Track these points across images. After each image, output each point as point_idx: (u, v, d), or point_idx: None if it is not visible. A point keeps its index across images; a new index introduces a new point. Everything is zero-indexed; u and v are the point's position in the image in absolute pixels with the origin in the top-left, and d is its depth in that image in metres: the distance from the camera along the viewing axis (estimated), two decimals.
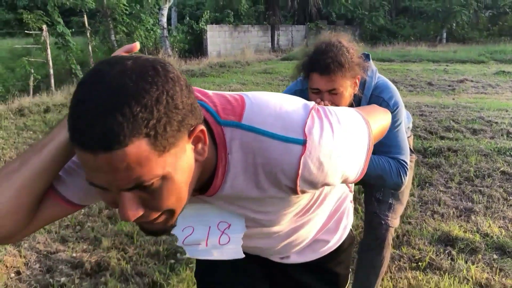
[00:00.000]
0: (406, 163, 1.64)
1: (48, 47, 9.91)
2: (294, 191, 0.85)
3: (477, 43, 22.24)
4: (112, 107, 0.61)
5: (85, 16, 11.23)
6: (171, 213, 0.76)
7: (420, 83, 9.82)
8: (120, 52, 0.90)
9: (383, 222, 1.89)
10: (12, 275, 2.49)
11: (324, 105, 1.35)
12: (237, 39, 18.38)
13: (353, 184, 1.33)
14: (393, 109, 1.64)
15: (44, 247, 2.79)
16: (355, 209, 3.11)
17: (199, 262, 1.24)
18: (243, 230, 0.99)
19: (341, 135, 0.84)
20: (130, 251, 2.75)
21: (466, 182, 3.90)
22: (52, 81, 9.95)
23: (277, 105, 0.83)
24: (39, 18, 10.59)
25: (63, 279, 2.44)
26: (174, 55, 14.26)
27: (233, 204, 0.93)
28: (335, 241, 1.24)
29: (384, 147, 1.62)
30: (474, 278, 2.43)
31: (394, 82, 8.89)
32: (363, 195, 2.35)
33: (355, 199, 2.58)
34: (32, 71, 9.98)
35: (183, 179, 0.73)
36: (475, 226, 3.07)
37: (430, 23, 24.86)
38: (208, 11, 17.47)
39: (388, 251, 1.97)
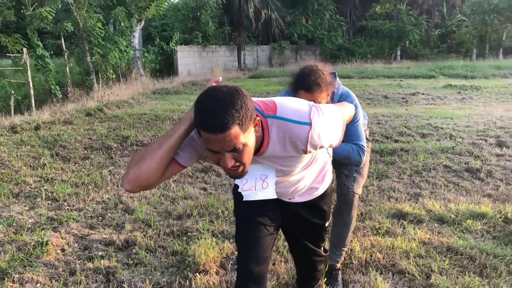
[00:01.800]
0: (364, 146, 2.43)
1: (29, 68, 10.33)
2: (305, 152, 1.60)
3: (428, 60, 23.82)
4: (223, 111, 1.32)
5: (62, 39, 11.71)
6: (244, 165, 1.48)
7: (377, 97, 10.84)
8: (211, 82, 1.63)
9: (350, 190, 2.63)
10: (59, 251, 3.09)
11: None
12: (205, 59, 19.18)
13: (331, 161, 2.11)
14: (354, 110, 2.42)
15: (78, 231, 3.39)
16: None
17: (239, 202, 1.94)
18: (274, 178, 1.75)
19: (329, 120, 1.61)
20: (149, 232, 3.40)
21: (415, 174, 4.75)
22: (33, 101, 10.36)
23: (293, 104, 1.60)
24: (16, 41, 11.02)
25: (101, 253, 3.05)
26: (146, 75, 14.85)
27: (270, 161, 1.68)
28: (322, 188, 1.99)
29: (349, 137, 2.41)
30: (419, 238, 3.22)
31: None
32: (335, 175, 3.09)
33: None
34: (13, 91, 10.35)
35: (252, 145, 1.46)
36: (421, 205, 3.88)
37: (385, 41, 26.38)
38: (178, 32, 18.18)
39: (355, 212, 2.72)
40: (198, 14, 18.54)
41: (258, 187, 1.75)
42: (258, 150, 1.58)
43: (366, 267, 2.84)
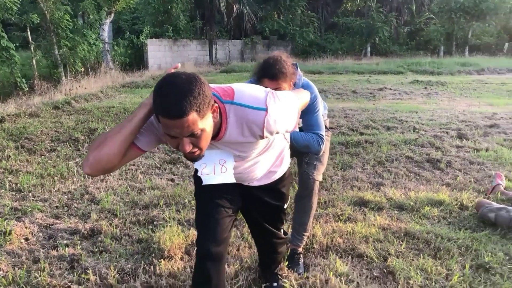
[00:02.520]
0: (323, 136, 2.51)
1: None
2: (261, 137, 1.66)
3: (397, 56, 24.32)
4: (181, 98, 1.35)
5: (28, 31, 11.45)
6: (201, 149, 1.52)
7: (346, 92, 11.04)
8: (171, 69, 1.67)
9: (310, 177, 2.72)
10: (22, 240, 3.07)
11: None
12: (176, 53, 19.05)
13: (289, 151, 2.19)
14: (313, 101, 2.51)
15: (42, 221, 3.38)
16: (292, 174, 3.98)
17: (199, 187, 1.99)
18: (233, 163, 1.81)
19: (284, 106, 1.67)
20: (115, 221, 3.41)
21: (378, 165, 4.90)
22: None
23: (250, 90, 1.65)
24: None
25: (65, 241, 3.05)
26: (116, 68, 14.66)
27: (228, 146, 1.74)
28: (280, 172, 2.07)
29: (309, 127, 2.51)
30: (379, 224, 3.34)
31: (323, 91, 10.10)
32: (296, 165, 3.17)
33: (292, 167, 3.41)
34: None
35: (209, 130, 1.50)
36: (383, 193, 4.01)
37: (356, 38, 26.78)
38: (148, 26, 18.00)
39: (316, 198, 2.81)
40: (169, 7, 18.39)
41: (217, 171, 1.81)
42: (216, 135, 1.63)
43: (327, 251, 2.94)
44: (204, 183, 1.84)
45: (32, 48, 11.76)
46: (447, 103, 9.52)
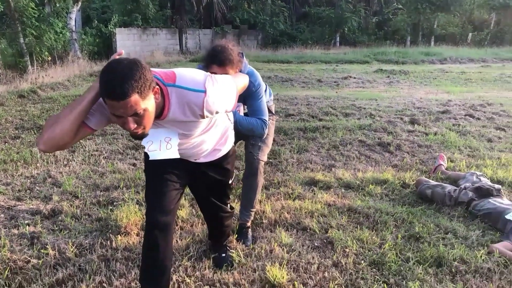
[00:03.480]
0: (266, 121, 2.74)
1: None
2: (202, 116, 1.86)
3: (366, 46, 24.75)
4: (123, 81, 1.50)
5: None
6: (145, 127, 1.69)
7: (311, 80, 11.32)
8: (115, 56, 1.77)
9: (255, 158, 2.93)
10: None
11: None
12: (146, 42, 18.97)
13: (234, 132, 2.40)
14: (257, 88, 2.73)
15: (4, 203, 3.50)
16: (239, 155, 4.21)
17: (148, 162, 2.17)
18: (177, 140, 2.00)
19: (222, 88, 1.88)
20: (76, 202, 3.57)
21: (333, 148, 5.17)
22: None
23: (191, 74, 1.84)
24: None
25: (27, 221, 3.20)
26: (84, 57, 14.55)
27: (172, 125, 1.93)
28: (225, 150, 2.29)
29: (253, 112, 2.74)
30: (325, 201, 3.60)
31: (290, 80, 10.38)
32: (243, 146, 3.39)
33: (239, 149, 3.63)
34: None
35: (152, 110, 1.67)
36: (333, 174, 4.28)
37: (326, 28, 27.10)
38: (117, 15, 17.84)
39: (261, 177, 3.03)
40: None
41: (163, 148, 1.99)
42: (161, 114, 1.80)
43: (274, 225, 3.18)
44: (151, 158, 2.01)
45: None
46: (406, 91, 9.91)
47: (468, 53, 20.13)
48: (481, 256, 2.72)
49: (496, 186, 3.57)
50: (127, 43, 17.97)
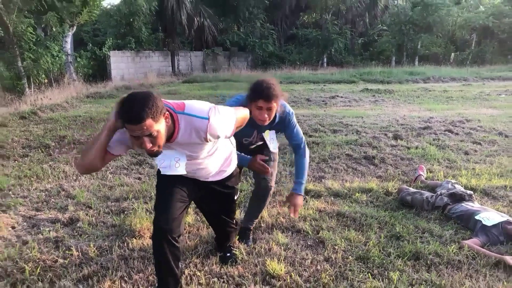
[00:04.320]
0: (304, 143, 3.18)
1: None
2: (206, 140, 2.23)
3: (353, 67, 25.47)
4: (139, 109, 1.92)
5: None
6: (159, 146, 2.07)
7: (300, 100, 11.82)
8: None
9: (269, 184, 3.22)
10: (10, 229, 3.55)
11: (263, 116, 2.76)
12: (139, 64, 19.48)
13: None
14: (292, 116, 3.05)
15: (25, 213, 3.85)
16: (246, 176, 4.60)
17: (160, 178, 2.55)
18: (185, 161, 2.35)
19: (223, 117, 2.26)
20: (90, 211, 3.93)
21: (322, 161, 5.60)
22: None
23: (198, 104, 2.25)
24: None
25: (48, 228, 3.55)
26: (79, 79, 14.94)
27: (180, 147, 2.28)
28: (229, 171, 2.70)
29: (293, 138, 3.12)
30: (316, 207, 4.00)
31: None
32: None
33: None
34: None
35: (163, 132, 2.06)
36: (323, 185, 4.69)
37: (313, 49, 27.86)
38: (111, 38, 18.34)
39: (269, 199, 3.37)
40: (131, 20, 18.80)
41: (172, 166, 2.34)
42: (171, 136, 2.18)
43: (271, 228, 3.57)
44: (162, 173, 2.38)
45: None
46: (391, 109, 10.43)
47: (450, 73, 20.91)
48: (453, 250, 3.13)
49: (468, 192, 4.01)
50: (121, 65, 18.44)
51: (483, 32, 27.73)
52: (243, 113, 2.61)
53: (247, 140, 3.12)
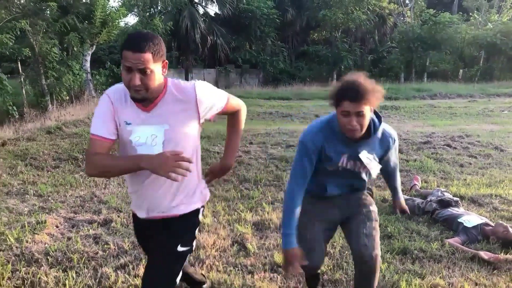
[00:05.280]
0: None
1: None
2: (195, 99, 1.98)
3: None
4: (144, 40, 1.80)
5: (19, 62, 12.48)
6: (147, 89, 1.85)
7: (309, 116, 12.40)
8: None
9: (372, 254, 2.27)
10: (55, 227, 4.13)
11: (351, 123, 2.08)
12: None
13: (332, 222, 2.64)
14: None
15: (66, 215, 4.44)
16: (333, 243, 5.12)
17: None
18: (162, 138, 1.98)
19: (211, 87, 2.09)
20: (121, 214, 4.50)
21: None
22: None
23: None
24: None
25: (86, 228, 4.12)
26: (98, 96, 15.71)
27: (161, 117, 1.97)
28: (191, 206, 2.16)
29: (394, 164, 2.59)
30: None
31: (289, 115, 11.54)
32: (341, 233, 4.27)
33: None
34: None
35: (157, 75, 1.86)
36: None
37: (323, 66, 28.53)
38: None
39: (378, 275, 2.39)
40: None
41: (149, 143, 1.99)
42: (157, 97, 1.95)
43: (279, 229, 4.10)
44: (138, 152, 1.99)
45: (22, 79, 12.78)
46: (396, 125, 10.93)
47: (458, 89, 21.38)
48: (435, 247, 3.64)
49: (455, 198, 4.52)
50: None
51: (491, 49, 28.15)
52: (237, 100, 2.30)
53: (333, 166, 2.30)
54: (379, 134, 2.30)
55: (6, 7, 11.95)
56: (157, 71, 1.86)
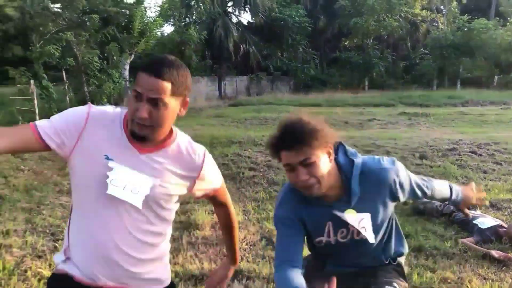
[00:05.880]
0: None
1: (35, 98, 11.85)
2: (198, 171, 1.62)
3: (394, 90, 26.00)
4: (167, 66, 1.43)
5: (63, 71, 13.35)
6: (154, 125, 1.46)
7: (339, 122, 12.68)
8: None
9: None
10: None
11: (299, 178, 1.64)
12: None
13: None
14: (398, 171, 1.77)
15: None
16: None
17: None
18: (147, 190, 1.52)
19: (215, 166, 1.73)
20: None
21: None
22: None
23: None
24: (22, 74, 12.59)
25: None
26: None
27: (159, 166, 1.56)
28: (159, 279, 1.68)
29: (419, 189, 1.88)
30: None
31: None
32: None
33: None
34: (20, 118, 11.82)
35: (171, 112, 1.47)
36: None
37: (355, 72, 28.65)
38: None
39: None
40: (182, 48, 20.42)
41: (127, 189, 1.52)
42: (164, 141, 1.58)
43: None
44: (108, 191, 1.49)
45: (66, 86, 13.65)
46: (425, 132, 11.09)
47: (491, 96, 21.12)
48: (449, 245, 3.93)
49: None
50: None
51: None
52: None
53: (322, 239, 1.79)
54: (367, 177, 1.71)
55: (53, 20, 12.83)
56: (173, 107, 1.48)
